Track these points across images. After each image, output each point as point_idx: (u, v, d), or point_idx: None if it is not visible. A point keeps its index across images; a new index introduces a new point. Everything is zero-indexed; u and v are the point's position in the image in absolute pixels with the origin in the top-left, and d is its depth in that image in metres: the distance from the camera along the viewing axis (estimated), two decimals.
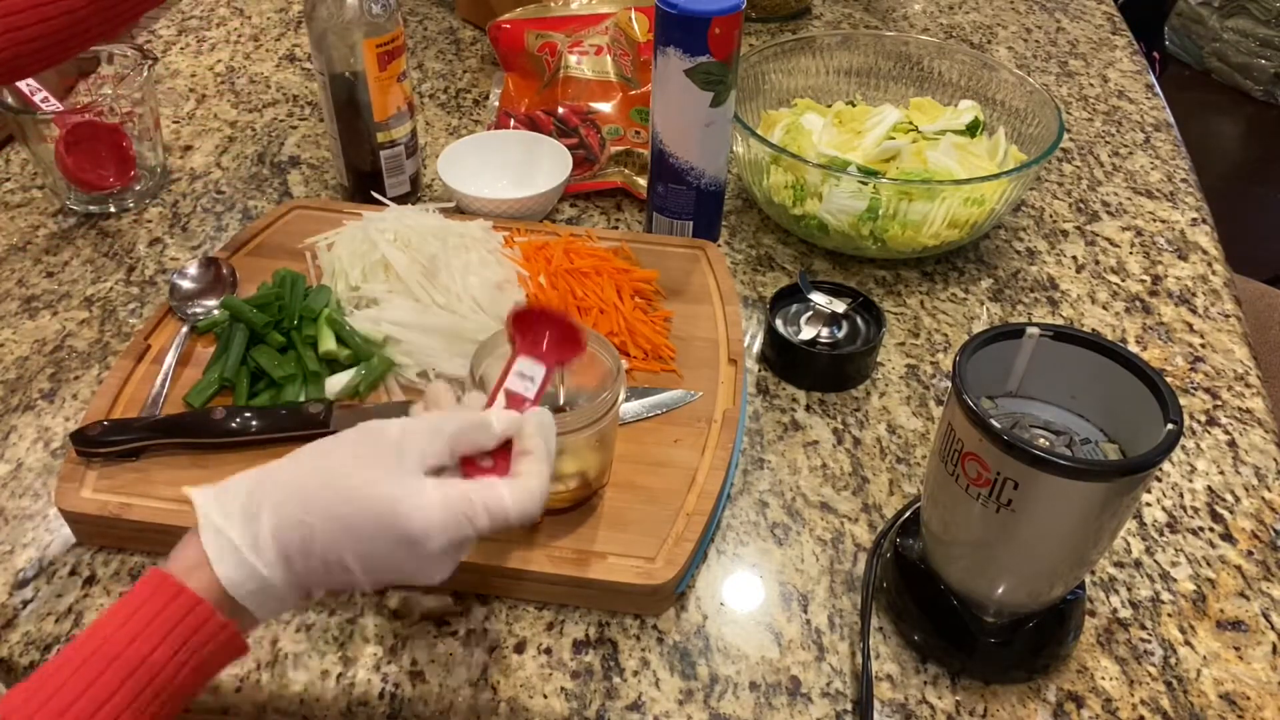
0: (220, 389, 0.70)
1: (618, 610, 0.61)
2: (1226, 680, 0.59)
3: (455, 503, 0.45)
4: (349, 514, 0.45)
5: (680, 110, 0.80)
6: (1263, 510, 0.69)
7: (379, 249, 0.77)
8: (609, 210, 0.94)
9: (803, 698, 0.57)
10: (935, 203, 0.81)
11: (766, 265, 0.89)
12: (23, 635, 0.59)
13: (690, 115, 0.79)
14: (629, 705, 0.57)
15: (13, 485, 0.68)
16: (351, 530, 0.45)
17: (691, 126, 0.80)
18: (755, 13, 1.27)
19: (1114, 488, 0.49)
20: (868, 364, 0.77)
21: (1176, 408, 0.50)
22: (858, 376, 0.77)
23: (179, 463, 0.65)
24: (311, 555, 0.45)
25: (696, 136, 0.81)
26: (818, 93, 1.01)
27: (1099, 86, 1.18)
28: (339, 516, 0.45)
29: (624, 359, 0.73)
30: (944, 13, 1.33)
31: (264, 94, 1.11)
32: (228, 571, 0.44)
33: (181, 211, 0.93)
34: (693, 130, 0.80)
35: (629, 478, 0.65)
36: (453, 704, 0.57)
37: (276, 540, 0.44)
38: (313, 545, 0.45)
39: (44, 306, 0.82)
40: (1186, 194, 1.00)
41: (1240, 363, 0.81)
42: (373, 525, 0.45)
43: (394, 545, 0.45)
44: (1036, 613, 0.58)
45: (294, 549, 0.45)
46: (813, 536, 0.66)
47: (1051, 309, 0.85)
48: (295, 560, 0.45)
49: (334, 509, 0.45)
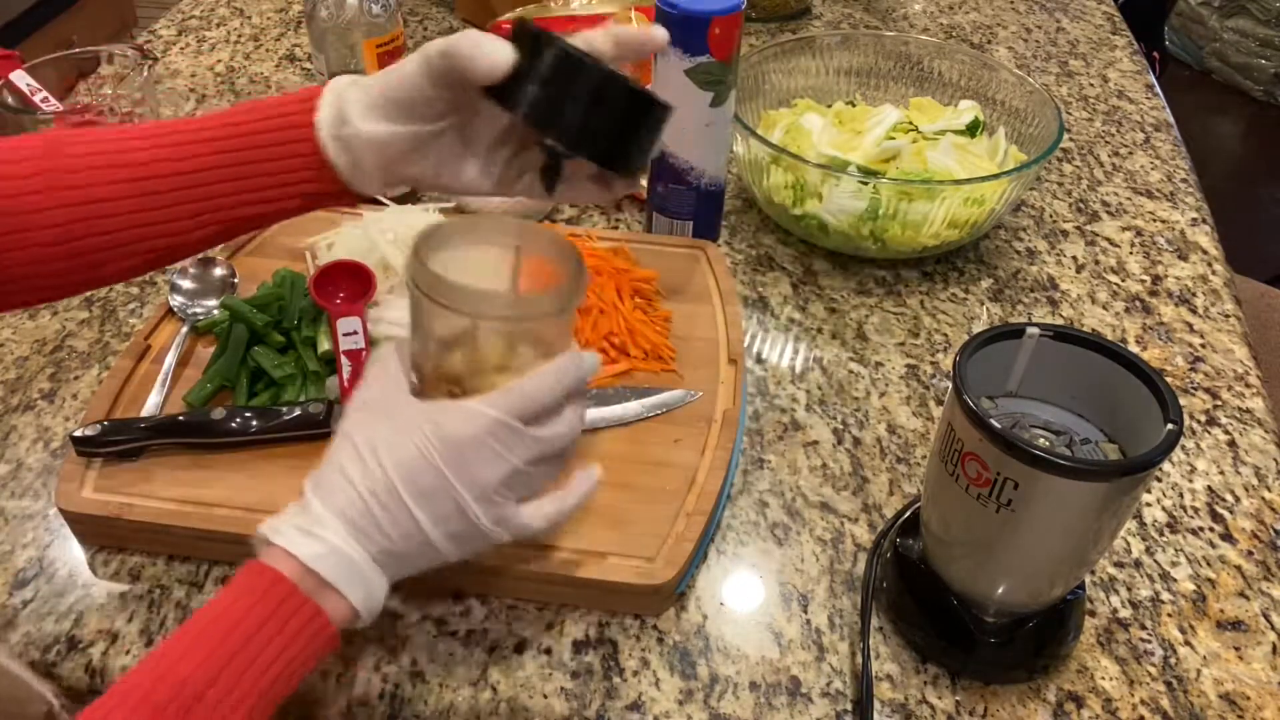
0: (220, 389, 0.70)
1: (618, 610, 0.61)
2: (1226, 680, 0.59)
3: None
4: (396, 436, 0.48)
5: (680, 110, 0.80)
6: (1263, 510, 0.69)
7: (379, 249, 0.77)
8: (609, 210, 0.94)
9: (803, 698, 0.57)
10: (935, 203, 0.81)
11: (766, 265, 0.89)
12: (23, 635, 0.59)
13: (690, 115, 0.79)
14: (629, 705, 0.57)
15: (13, 485, 0.68)
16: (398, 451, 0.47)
17: (691, 126, 0.80)
18: (755, 13, 1.27)
19: (1114, 488, 0.49)
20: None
21: (1176, 408, 0.50)
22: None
23: (179, 463, 0.65)
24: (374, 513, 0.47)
25: (696, 136, 0.81)
26: (818, 93, 1.01)
27: (1099, 86, 1.18)
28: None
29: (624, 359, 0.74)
30: (944, 13, 1.33)
31: (264, 94, 1.11)
32: (294, 543, 0.46)
33: None
34: (693, 130, 0.80)
35: (629, 478, 0.65)
36: (453, 704, 0.57)
37: (330, 508, 0.47)
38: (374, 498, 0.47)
39: (44, 306, 0.82)
40: (1186, 194, 1.00)
41: (1240, 363, 0.81)
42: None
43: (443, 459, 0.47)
44: (1036, 613, 0.58)
45: (354, 511, 0.47)
46: (813, 536, 0.66)
47: (1051, 309, 0.85)
48: (359, 522, 0.47)
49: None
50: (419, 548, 0.48)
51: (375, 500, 0.47)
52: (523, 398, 0.49)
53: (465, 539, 0.49)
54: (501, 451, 0.48)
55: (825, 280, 0.87)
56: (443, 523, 0.48)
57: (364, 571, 0.47)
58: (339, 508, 0.47)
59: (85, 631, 0.59)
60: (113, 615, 0.60)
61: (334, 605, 0.47)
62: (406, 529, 0.47)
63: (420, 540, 0.48)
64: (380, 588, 0.48)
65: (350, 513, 0.47)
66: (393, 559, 0.48)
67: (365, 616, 0.48)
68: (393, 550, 0.48)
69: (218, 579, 0.62)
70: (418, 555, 0.48)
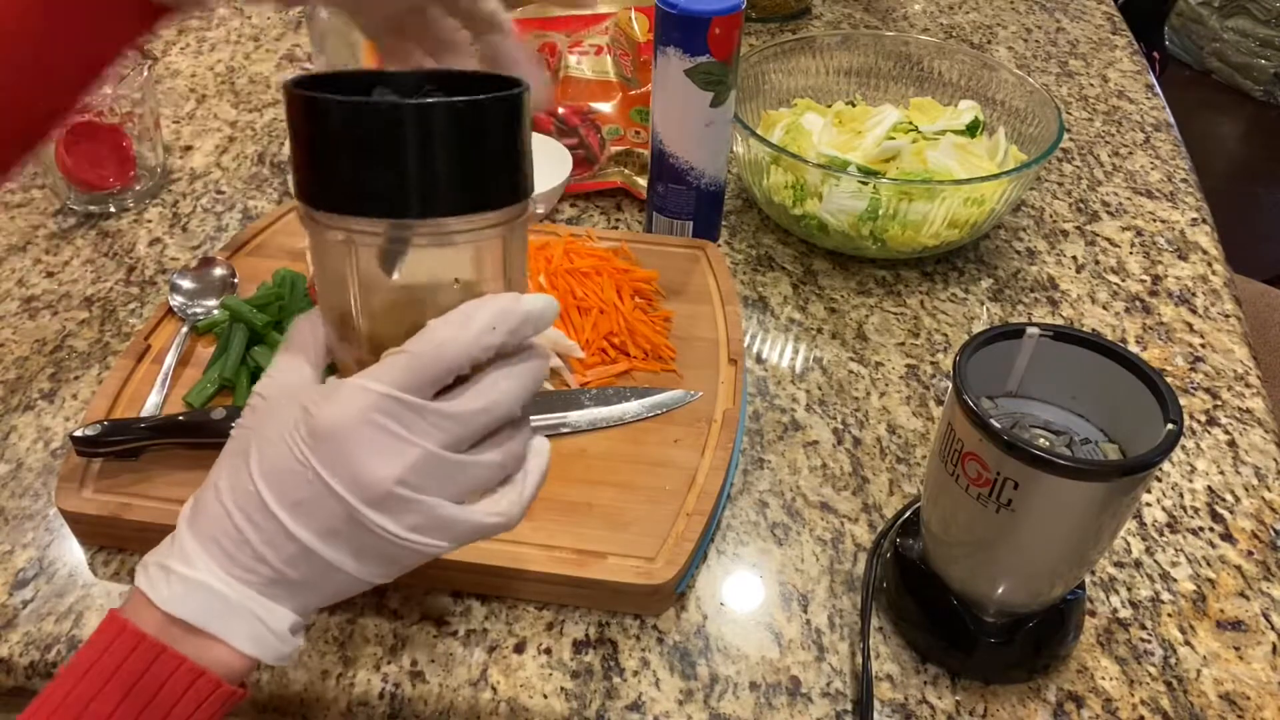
0: (220, 389, 0.70)
1: (618, 610, 0.61)
2: (1226, 680, 0.59)
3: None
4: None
5: (680, 110, 0.80)
6: (1263, 510, 0.69)
7: None
8: (609, 210, 0.94)
9: (803, 698, 0.57)
10: (935, 203, 0.81)
11: (766, 265, 0.89)
12: (23, 635, 0.59)
13: (690, 115, 0.79)
14: (629, 705, 0.57)
15: (13, 485, 0.68)
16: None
17: (691, 126, 0.80)
18: (755, 13, 1.27)
19: (1114, 488, 0.49)
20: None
21: (1176, 408, 0.50)
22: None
23: (179, 463, 0.65)
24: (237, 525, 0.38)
25: (696, 136, 0.81)
26: (818, 93, 1.01)
27: (1099, 86, 1.18)
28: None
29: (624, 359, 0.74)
30: (944, 13, 1.33)
31: (264, 94, 1.11)
32: (152, 584, 0.38)
33: (181, 211, 0.93)
34: (693, 130, 0.80)
35: (629, 478, 0.65)
36: (453, 704, 0.57)
37: (198, 535, 0.39)
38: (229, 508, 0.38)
39: (44, 306, 0.82)
40: (1186, 194, 1.00)
41: (1240, 363, 0.81)
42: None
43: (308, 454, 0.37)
44: (1036, 613, 0.58)
45: (226, 537, 0.38)
46: (813, 536, 0.66)
47: (1051, 309, 0.85)
48: (231, 549, 0.38)
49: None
50: (319, 572, 0.39)
51: (245, 519, 0.38)
52: (419, 360, 0.38)
53: (378, 555, 0.39)
54: (397, 436, 0.37)
55: (825, 280, 0.87)
56: (333, 537, 0.38)
57: (244, 608, 0.38)
58: (210, 533, 0.39)
59: (85, 631, 0.59)
60: None
61: (215, 655, 0.39)
62: (288, 551, 0.38)
63: (317, 563, 0.38)
64: (279, 623, 0.39)
65: (223, 540, 0.38)
66: (288, 588, 0.39)
67: (269, 659, 0.40)
68: (283, 578, 0.39)
69: None
70: (322, 580, 0.39)
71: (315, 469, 0.37)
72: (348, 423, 0.37)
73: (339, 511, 0.38)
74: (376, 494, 0.38)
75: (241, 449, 0.39)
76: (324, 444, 0.37)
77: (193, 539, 0.39)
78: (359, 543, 0.39)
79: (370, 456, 0.37)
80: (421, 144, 0.38)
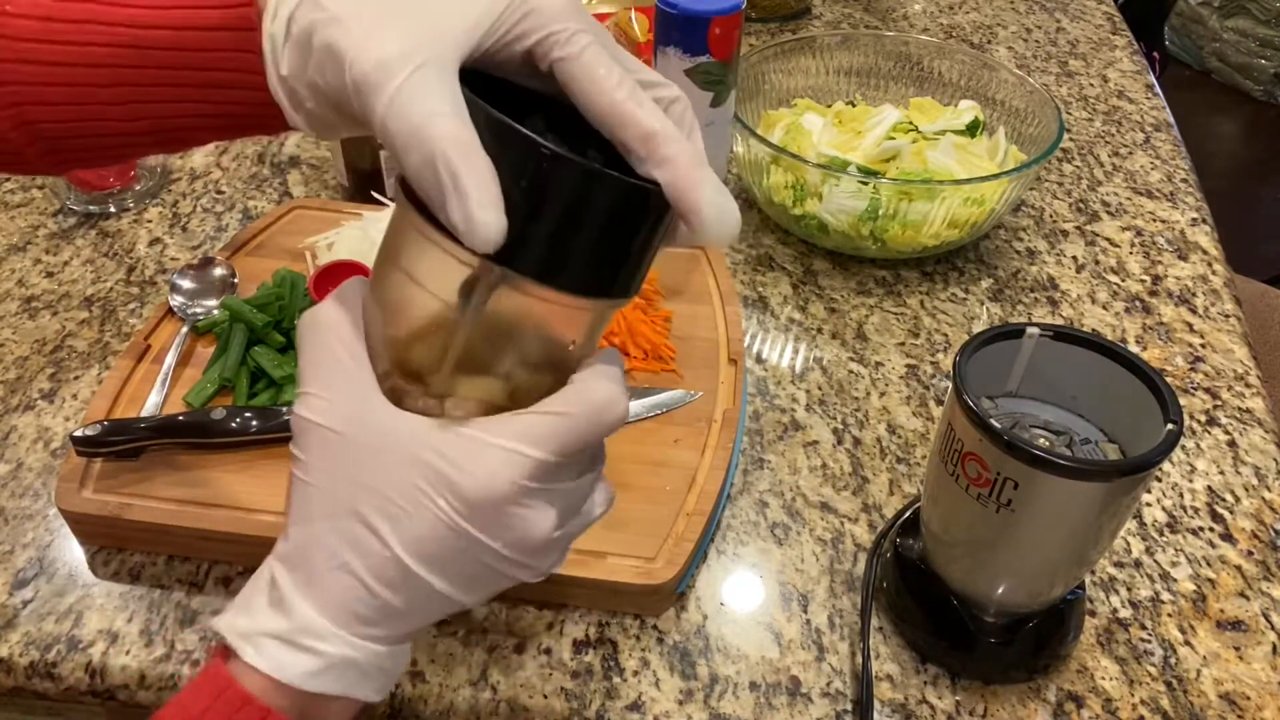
0: (220, 389, 0.70)
1: (618, 610, 0.61)
2: (1226, 680, 0.59)
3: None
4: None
5: None
6: (1263, 510, 0.69)
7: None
8: None
9: (803, 698, 0.57)
10: (935, 203, 0.81)
11: (766, 265, 0.89)
12: (23, 635, 0.59)
13: None
14: (629, 705, 0.57)
15: (13, 485, 0.68)
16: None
17: None
18: (755, 13, 1.27)
19: (1114, 488, 0.49)
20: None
21: (1176, 408, 0.50)
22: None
23: (179, 463, 0.65)
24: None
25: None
26: (818, 93, 1.01)
27: (1099, 86, 1.18)
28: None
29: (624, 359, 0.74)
30: (944, 13, 1.33)
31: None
32: (279, 664, 0.37)
33: (181, 211, 0.93)
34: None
35: (629, 478, 0.65)
36: (453, 704, 0.57)
37: (321, 606, 0.37)
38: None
39: (44, 306, 0.82)
40: (1186, 194, 1.00)
41: (1240, 363, 0.81)
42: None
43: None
44: (1036, 613, 0.58)
45: (361, 605, 0.38)
46: (813, 536, 0.66)
47: (1051, 309, 0.85)
48: (367, 615, 0.38)
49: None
50: (438, 610, 0.40)
51: (386, 586, 0.37)
52: (574, 423, 0.38)
53: (490, 586, 0.40)
54: (549, 492, 0.38)
55: (825, 280, 0.87)
56: (471, 581, 0.39)
57: (377, 667, 0.38)
58: (342, 603, 0.37)
59: (85, 631, 0.59)
60: (113, 615, 0.60)
61: (339, 706, 0.39)
62: (433, 607, 0.39)
63: (443, 604, 0.39)
64: (402, 665, 0.40)
65: (359, 608, 0.37)
66: (413, 633, 0.40)
67: (380, 698, 0.40)
68: (417, 630, 0.40)
69: (218, 579, 0.62)
70: (435, 611, 0.40)
71: (472, 534, 0.37)
72: (504, 492, 0.36)
73: (488, 563, 0.38)
74: (537, 546, 0.38)
75: (347, 508, 0.37)
76: (480, 511, 0.36)
77: (316, 611, 0.37)
78: (492, 586, 0.40)
79: (530, 518, 0.37)
80: (636, 230, 0.37)
